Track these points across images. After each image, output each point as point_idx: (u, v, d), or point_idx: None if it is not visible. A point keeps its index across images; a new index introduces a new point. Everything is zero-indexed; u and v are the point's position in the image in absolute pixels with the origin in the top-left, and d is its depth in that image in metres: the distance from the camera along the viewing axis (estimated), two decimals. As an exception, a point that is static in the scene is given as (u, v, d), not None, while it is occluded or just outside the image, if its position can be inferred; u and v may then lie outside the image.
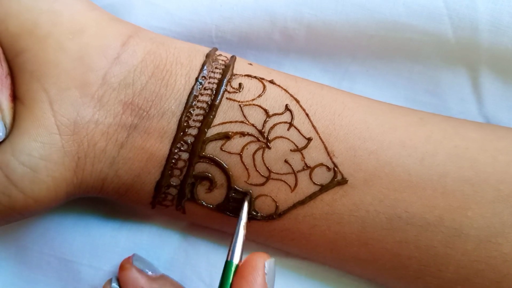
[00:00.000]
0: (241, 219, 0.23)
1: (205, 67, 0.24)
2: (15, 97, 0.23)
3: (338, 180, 0.23)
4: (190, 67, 0.24)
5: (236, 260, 0.21)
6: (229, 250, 0.21)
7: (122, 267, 0.25)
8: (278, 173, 0.24)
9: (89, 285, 0.28)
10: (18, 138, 0.22)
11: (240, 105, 0.24)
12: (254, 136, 0.24)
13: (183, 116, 0.23)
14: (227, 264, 0.21)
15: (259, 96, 0.24)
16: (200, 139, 0.23)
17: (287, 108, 0.24)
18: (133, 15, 0.29)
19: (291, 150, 0.24)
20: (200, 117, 0.23)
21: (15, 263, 0.29)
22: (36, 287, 0.29)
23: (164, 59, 0.24)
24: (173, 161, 0.23)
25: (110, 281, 0.26)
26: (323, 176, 0.24)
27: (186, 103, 0.23)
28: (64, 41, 0.23)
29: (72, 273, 0.28)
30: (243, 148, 0.23)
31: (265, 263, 0.20)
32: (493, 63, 0.27)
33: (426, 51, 0.28)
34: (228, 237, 0.28)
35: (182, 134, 0.23)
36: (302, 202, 0.24)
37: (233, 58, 0.25)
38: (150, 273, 0.26)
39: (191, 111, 0.23)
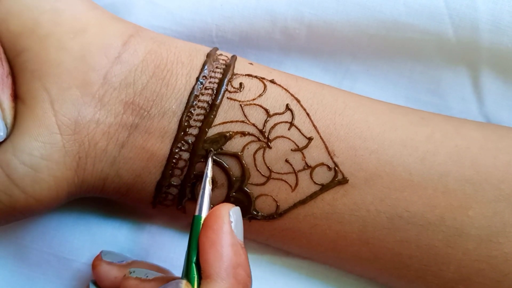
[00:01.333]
0: (206, 175, 0.23)
1: (205, 67, 0.24)
2: (16, 97, 0.23)
3: (338, 180, 0.23)
4: (191, 67, 0.24)
5: (204, 214, 0.21)
6: (196, 205, 0.21)
7: (93, 266, 0.25)
8: (278, 173, 0.24)
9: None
10: (19, 138, 0.22)
11: (240, 105, 0.24)
12: (255, 136, 0.24)
13: (184, 115, 0.23)
14: (195, 218, 0.21)
15: (260, 95, 0.24)
16: (201, 138, 0.23)
17: (287, 107, 0.24)
18: (134, 15, 0.29)
19: (291, 150, 0.24)
20: (201, 117, 0.23)
21: (14, 261, 0.29)
22: (36, 285, 0.29)
23: (165, 59, 0.24)
24: (173, 161, 0.23)
25: (88, 286, 0.26)
26: (323, 176, 0.24)
27: (187, 103, 0.23)
28: (66, 41, 0.23)
29: (71, 272, 0.28)
30: (243, 147, 0.23)
31: (229, 211, 0.20)
32: (493, 63, 0.27)
33: (426, 51, 0.28)
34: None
35: (183, 134, 0.23)
36: (303, 202, 0.24)
37: (233, 58, 0.25)
38: (120, 262, 0.25)
39: (192, 111, 0.23)
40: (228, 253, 0.19)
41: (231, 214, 0.20)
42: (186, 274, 0.20)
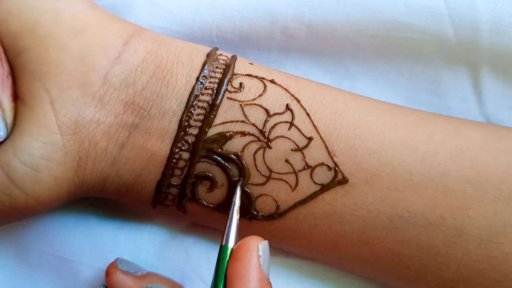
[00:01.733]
0: (234, 204, 0.23)
1: (206, 67, 0.24)
2: (16, 97, 0.23)
3: (339, 180, 0.23)
4: (191, 67, 0.24)
5: (231, 244, 0.21)
6: (223, 235, 0.21)
7: (107, 272, 0.25)
8: (279, 173, 0.24)
9: (89, 284, 0.28)
10: (19, 138, 0.22)
11: (241, 105, 0.24)
12: (255, 136, 0.24)
13: (184, 115, 0.23)
14: (222, 248, 0.21)
15: (260, 95, 0.24)
16: (201, 138, 0.23)
17: (287, 107, 0.24)
18: (134, 15, 0.29)
19: (291, 150, 0.24)
20: (201, 117, 0.23)
21: (15, 262, 0.29)
22: (36, 286, 0.29)
23: (165, 59, 0.24)
24: (174, 160, 0.23)
25: None
26: (324, 176, 0.24)
27: (187, 103, 0.23)
28: (66, 41, 0.23)
29: (72, 273, 0.28)
30: (244, 147, 0.23)
31: (258, 245, 0.20)
32: (493, 63, 0.27)
33: (427, 51, 0.28)
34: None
35: (183, 134, 0.23)
36: (303, 202, 0.24)
37: (234, 58, 0.25)
38: (135, 272, 0.26)
39: (192, 111, 0.23)
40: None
41: (260, 248, 0.20)
42: None
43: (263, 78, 0.24)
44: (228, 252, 0.21)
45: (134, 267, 0.26)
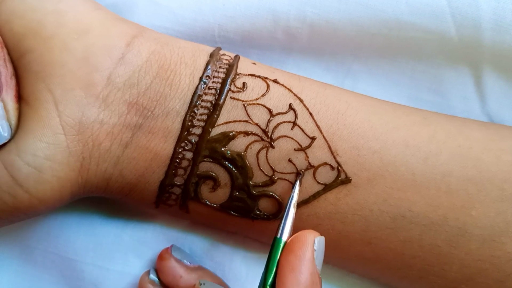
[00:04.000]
0: (292, 198, 0.22)
1: (209, 67, 0.24)
2: (20, 98, 0.23)
3: (341, 179, 0.24)
4: (194, 67, 0.24)
5: (285, 238, 0.21)
6: (278, 228, 0.21)
7: (161, 257, 0.26)
8: (282, 172, 0.24)
9: (93, 284, 0.28)
10: (23, 139, 0.22)
11: (244, 105, 0.24)
12: (258, 136, 0.24)
13: (187, 115, 0.23)
14: (276, 240, 0.21)
15: (263, 95, 0.24)
16: (204, 138, 0.23)
17: (290, 107, 0.24)
18: (136, 15, 0.29)
19: (294, 150, 0.24)
20: (204, 117, 0.23)
21: (19, 262, 0.29)
22: (40, 285, 0.29)
23: (168, 59, 0.24)
24: (177, 160, 0.23)
25: (148, 272, 0.26)
26: (326, 175, 0.24)
27: (190, 103, 0.23)
28: (69, 42, 0.23)
29: (76, 272, 0.29)
30: (247, 147, 0.24)
31: (315, 239, 0.20)
32: (496, 62, 0.27)
33: (429, 50, 0.28)
34: (231, 236, 0.28)
35: (186, 134, 0.23)
36: (305, 201, 0.24)
37: (236, 58, 0.25)
38: (188, 263, 0.26)
39: (195, 111, 0.23)
40: (306, 281, 0.19)
41: (316, 242, 0.20)
42: None
43: (266, 78, 0.24)
44: (281, 245, 0.20)
45: (187, 257, 0.26)
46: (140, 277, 0.26)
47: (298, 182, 0.23)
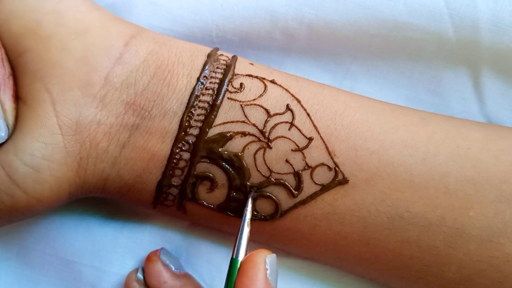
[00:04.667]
0: (245, 217, 0.23)
1: (206, 67, 0.24)
2: (18, 98, 0.23)
3: (339, 180, 0.23)
4: (191, 67, 0.24)
5: (241, 257, 0.21)
6: (234, 248, 0.22)
7: (149, 258, 0.26)
8: (279, 173, 0.24)
9: (91, 285, 0.28)
10: (20, 138, 0.22)
11: (241, 105, 0.24)
12: (255, 136, 0.24)
13: (185, 116, 0.23)
14: (232, 261, 0.21)
15: (260, 96, 0.24)
16: (202, 139, 0.23)
17: (288, 108, 0.24)
18: (135, 15, 0.29)
19: (292, 150, 0.24)
20: (202, 117, 0.23)
21: (17, 263, 0.29)
22: (38, 286, 0.29)
23: (166, 59, 0.24)
24: (174, 161, 0.23)
25: (136, 270, 0.26)
26: (324, 176, 0.24)
27: (188, 103, 0.23)
28: (68, 41, 0.23)
29: (73, 273, 0.29)
30: (244, 148, 0.24)
31: (265, 259, 0.20)
32: (494, 62, 0.27)
33: (427, 51, 0.28)
34: (229, 237, 0.28)
35: (184, 134, 0.23)
36: (303, 202, 0.24)
37: (234, 58, 0.25)
38: (174, 269, 0.26)
39: (193, 111, 0.23)
40: None
41: (267, 262, 0.20)
42: None
43: (264, 78, 0.24)
44: (238, 265, 0.21)
45: (175, 263, 0.27)
46: (128, 273, 0.27)
47: (250, 199, 0.23)
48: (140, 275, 0.26)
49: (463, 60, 0.28)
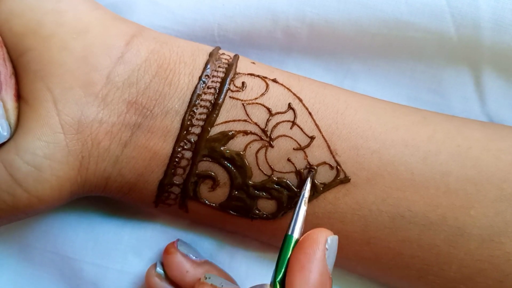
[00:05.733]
0: (303, 195, 0.22)
1: (208, 66, 0.24)
2: (20, 97, 0.23)
3: (340, 179, 0.24)
4: (193, 66, 0.24)
5: (296, 235, 0.20)
6: (289, 225, 0.21)
7: (167, 251, 0.26)
8: (281, 172, 0.24)
9: (92, 282, 0.28)
10: (22, 138, 0.22)
11: (243, 104, 0.24)
12: (257, 135, 0.24)
13: (187, 115, 0.23)
14: (286, 237, 0.20)
15: (262, 94, 0.24)
16: (203, 138, 0.23)
17: (290, 106, 0.24)
18: (136, 14, 0.29)
19: (294, 149, 0.24)
20: (204, 116, 0.23)
21: (18, 260, 0.29)
22: (39, 284, 0.29)
23: (167, 58, 0.24)
24: (176, 160, 0.23)
25: (154, 265, 0.26)
26: (325, 175, 0.24)
27: (190, 102, 0.23)
28: (69, 41, 0.23)
29: (75, 271, 0.29)
30: (246, 146, 0.24)
31: (327, 238, 0.19)
32: (495, 62, 0.27)
33: (428, 50, 0.28)
34: (231, 235, 0.28)
35: (186, 133, 0.23)
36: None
37: (236, 57, 0.25)
38: (194, 258, 0.26)
39: (195, 110, 0.23)
40: (315, 281, 0.18)
41: (329, 241, 0.19)
42: None
43: (265, 77, 0.24)
44: (292, 242, 0.20)
45: (194, 252, 0.26)
46: (147, 270, 0.26)
47: (309, 178, 0.23)
48: (159, 270, 0.26)
49: (465, 59, 0.28)
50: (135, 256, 0.28)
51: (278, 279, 0.19)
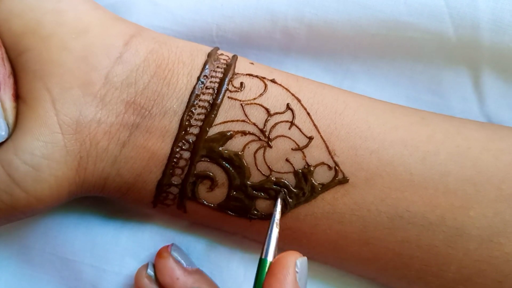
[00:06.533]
0: (274, 217, 0.22)
1: (206, 66, 0.24)
2: (18, 97, 0.23)
3: (339, 179, 0.23)
4: (192, 66, 0.24)
5: (270, 258, 0.21)
6: (262, 248, 0.21)
7: (160, 254, 0.26)
8: (279, 172, 0.24)
9: (91, 284, 0.28)
10: (20, 137, 0.22)
11: (241, 104, 0.24)
12: (256, 135, 0.24)
13: (185, 115, 0.23)
14: (261, 261, 0.21)
15: (261, 95, 0.24)
16: (202, 138, 0.23)
17: (288, 107, 0.24)
18: (135, 14, 0.29)
19: (292, 149, 0.24)
20: (202, 116, 0.23)
21: (17, 262, 0.29)
22: (38, 286, 0.29)
23: (166, 59, 0.24)
24: (174, 160, 0.23)
25: (146, 266, 0.26)
26: (324, 175, 0.24)
27: (188, 102, 0.23)
28: (68, 41, 0.23)
29: (73, 273, 0.28)
30: (244, 147, 0.24)
31: (296, 261, 0.20)
32: (494, 62, 0.27)
33: (427, 50, 0.28)
34: (229, 236, 0.28)
35: (184, 133, 0.23)
36: (303, 201, 0.24)
37: (234, 57, 0.25)
38: (186, 265, 0.26)
39: (193, 110, 0.23)
40: None
41: (298, 264, 0.20)
42: None
43: (264, 78, 0.24)
44: (267, 266, 0.21)
45: (187, 260, 0.26)
46: (137, 269, 0.26)
47: (279, 200, 0.23)
48: (150, 271, 0.26)
49: (464, 59, 0.28)
50: (132, 258, 0.28)
51: None
